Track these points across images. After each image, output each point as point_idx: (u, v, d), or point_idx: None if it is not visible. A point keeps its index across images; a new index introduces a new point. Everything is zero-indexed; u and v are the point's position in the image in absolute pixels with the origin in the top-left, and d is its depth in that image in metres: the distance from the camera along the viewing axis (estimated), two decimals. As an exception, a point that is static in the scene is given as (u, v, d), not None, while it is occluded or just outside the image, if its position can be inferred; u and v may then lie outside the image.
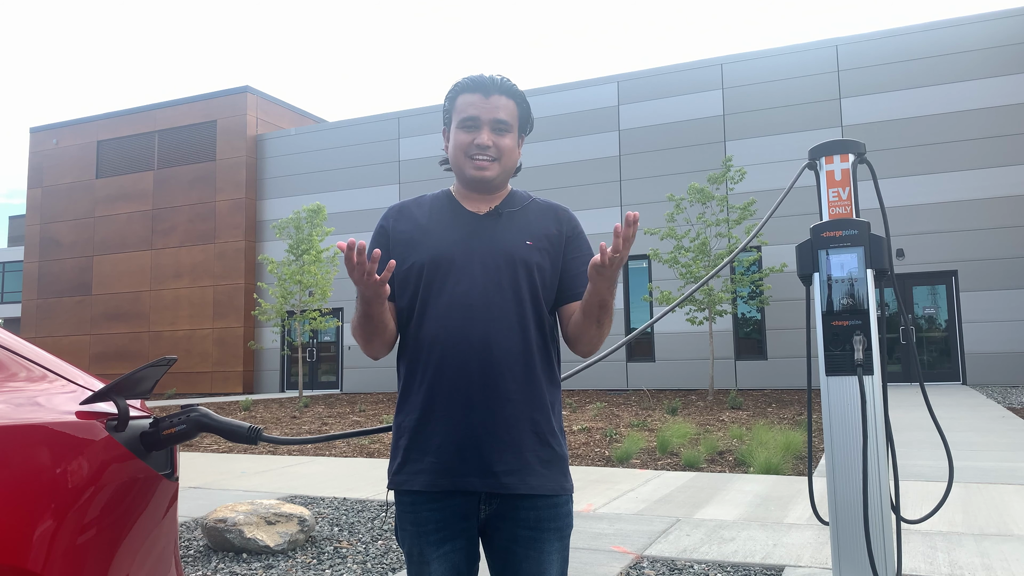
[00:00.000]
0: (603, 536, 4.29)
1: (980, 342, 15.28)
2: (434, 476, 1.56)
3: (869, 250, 2.48)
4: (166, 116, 24.20)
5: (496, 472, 1.55)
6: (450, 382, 1.56)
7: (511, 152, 1.69)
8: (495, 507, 1.58)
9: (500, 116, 1.65)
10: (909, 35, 16.45)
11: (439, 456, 1.56)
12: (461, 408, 1.56)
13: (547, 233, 1.69)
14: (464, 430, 1.55)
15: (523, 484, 1.56)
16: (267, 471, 7.14)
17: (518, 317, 1.60)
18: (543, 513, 1.58)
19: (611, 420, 10.71)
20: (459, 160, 1.68)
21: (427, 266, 1.62)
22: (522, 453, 1.57)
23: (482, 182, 1.66)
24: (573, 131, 19.09)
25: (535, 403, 1.60)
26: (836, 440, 2.46)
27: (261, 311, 17.97)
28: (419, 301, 1.62)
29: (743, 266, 15.81)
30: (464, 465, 1.55)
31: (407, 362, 1.64)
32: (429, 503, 1.57)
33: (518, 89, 1.70)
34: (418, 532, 1.58)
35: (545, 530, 1.58)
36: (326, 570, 3.83)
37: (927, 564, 3.60)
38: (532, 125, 1.77)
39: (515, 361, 1.58)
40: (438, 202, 1.73)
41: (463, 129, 1.66)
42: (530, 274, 1.63)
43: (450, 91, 1.72)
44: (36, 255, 25.72)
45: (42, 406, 1.30)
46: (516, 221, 1.69)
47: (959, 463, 6.27)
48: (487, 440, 1.55)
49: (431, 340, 1.59)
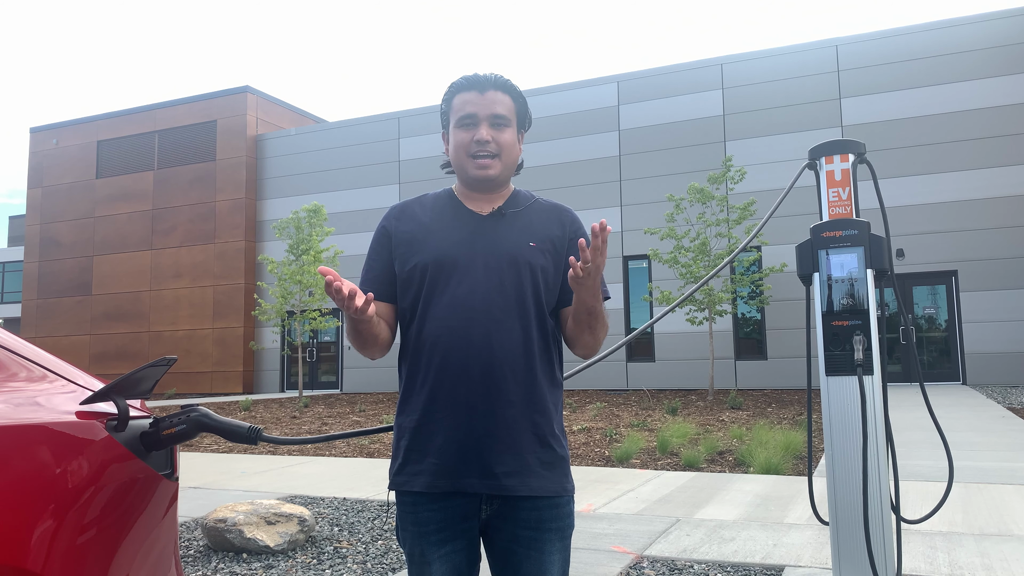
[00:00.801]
0: (603, 536, 4.29)
1: (980, 342, 15.28)
2: (434, 477, 1.56)
3: (869, 250, 2.48)
4: (166, 116, 24.20)
5: (496, 474, 1.55)
6: (451, 383, 1.56)
7: (511, 147, 1.68)
8: (496, 507, 1.58)
9: (497, 111, 1.65)
10: (909, 35, 16.45)
11: (440, 457, 1.56)
12: (462, 410, 1.55)
13: (550, 235, 1.68)
14: (465, 431, 1.55)
15: (524, 486, 1.56)
16: (267, 471, 7.14)
17: (520, 319, 1.60)
18: (544, 514, 1.58)
19: (611, 420, 10.71)
20: (461, 160, 1.67)
21: (430, 267, 1.61)
22: (522, 455, 1.56)
23: (485, 181, 1.66)
24: (573, 131, 19.10)
25: (536, 405, 1.59)
26: (836, 440, 2.46)
27: (261, 311, 17.98)
28: (421, 302, 1.62)
29: (743, 266, 15.82)
30: (465, 466, 1.55)
31: (408, 363, 1.64)
32: (430, 504, 1.57)
33: (513, 84, 1.69)
34: (419, 533, 1.58)
35: (546, 530, 1.58)
36: (326, 570, 3.83)
37: (927, 564, 3.60)
38: (531, 121, 1.76)
39: (516, 363, 1.58)
40: (440, 202, 1.72)
41: (461, 128, 1.66)
42: (533, 276, 1.62)
43: (446, 93, 1.72)
44: (36, 255, 25.72)
45: (42, 406, 1.30)
46: (519, 222, 1.68)
47: (959, 463, 6.27)
48: (487, 442, 1.55)
49: (432, 341, 1.59)
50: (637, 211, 18.10)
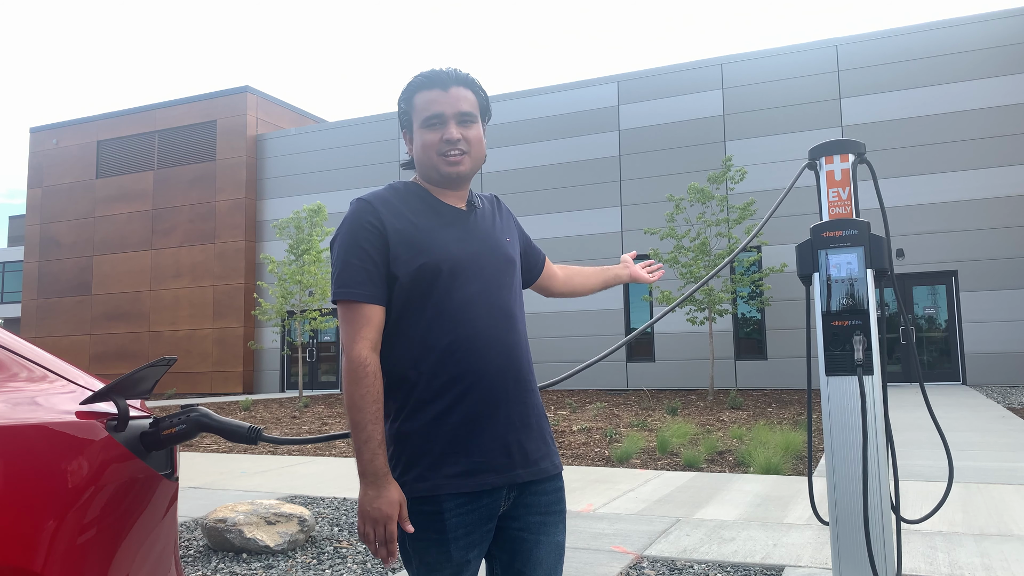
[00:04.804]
0: (603, 536, 4.29)
1: (980, 342, 15.28)
2: (484, 475, 1.54)
3: (869, 250, 2.48)
4: (166, 116, 24.20)
5: (535, 459, 1.62)
6: (483, 382, 1.56)
7: (479, 143, 1.67)
8: (513, 499, 1.61)
9: (463, 108, 1.63)
10: (909, 35, 16.45)
11: (485, 455, 1.55)
12: (500, 406, 1.58)
13: (510, 227, 1.79)
14: (505, 426, 1.58)
15: (552, 465, 1.65)
16: (267, 471, 7.14)
17: (520, 311, 1.70)
18: (551, 497, 1.65)
19: (611, 420, 10.71)
20: (430, 159, 1.63)
21: (443, 268, 1.57)
22: (545, 437, 1.67)
23: (458, 178, 1.64)
24: (573, 131, 19.09)
25: (538, 391, 1.71)
26: (836, 440, 2.46)
27: (261, 311, 17.98)
28: (432, 304, 1.57)
29: (743, 266, 15.82)
30: (510, 460, 1.58)
31: (414, 367, 1.57)
32: (458, 508, 1.53)
33: (474, 78, 1.69)
34: (443, 540, 1.52)
35: (551, 513, 1.65)
36: (326, 570, 3.83)
37: (927, 564, 3.60)
38: (490, 113, 1.76)
39: (527, 352, 1.67)
40: (414, 196, 1.66)
41: (428, 128, 1.63)
42: (517, 269, 1.73)
43: (404, 92, 1.68)
44: (36, 255, 25.72)
45: (42, 406, 1.30)
46: (488, 218, 1.73)
47: (959, 463, 6.27)
48: (525, 432, 1.61)
49: (454, 342, 1.56)
50: (637, 211, 18.10)
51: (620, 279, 2.17)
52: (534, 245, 1.95)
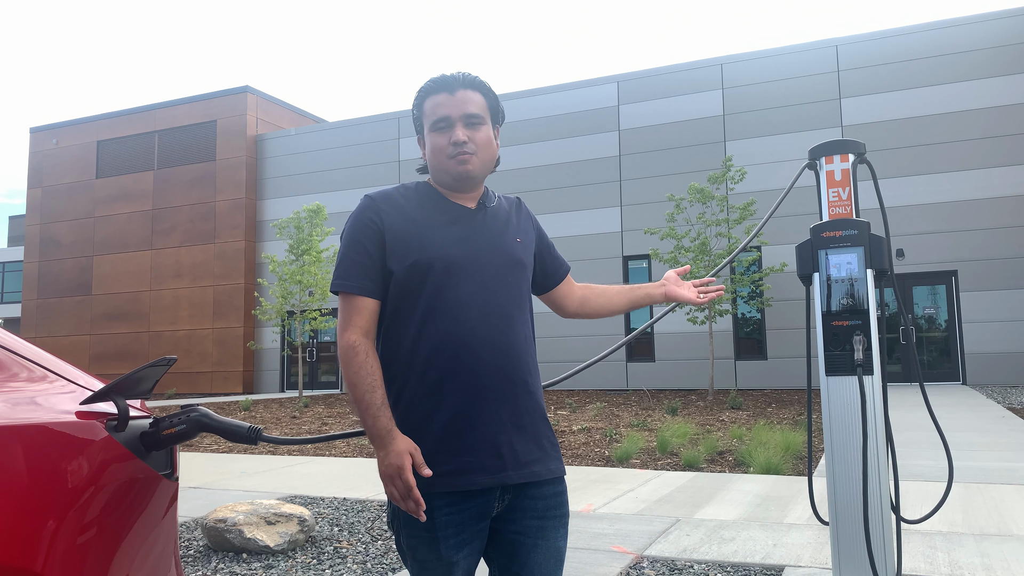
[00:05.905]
0: (603, 536, 4.29)
1: (980, 342, 15.28)
2: (472, 475, 1.54)
3: (869, 250, 2.48)
4: (166, 116, 24.20)
5: (527, 462, 1.60)
6: (475, 382, 1.56)
7: (488, 144, 1.67)
8: (507, 501, 1.60)
9: (470, 110, 1.64)
10: (909, 35, 16.45)
11: (475, 455, 1.55)
12: (492, 406, 1.57)
13: (526, 229, 1.76)
14: (497, 427, 1.57)
15: (547, 470, 1.63)
16: (267, 471, 7.14)
17: (521, 313, 1.66)
18: (550, 501, 1.63)
19: (611, 420, 10.71)
20: (440, 162, 1.65)
21: (435, 265, 1.58)
22: (540, 441, 1.64)
23: (467, 177, 1.64)
24: (573, 131, 19.09)
25: (539, 392, 1.68)
26: (836, 440, 2.46)
27: (261, 311, 17.99)
28: (423, 302, 1.58)
29: (743, 266, 15.82)
30: (501, 461, 1.56)
31: (405, 365, 1.59)
32: (448, 507, 1.54)
33: (482, 81, 1.69)
34: (433, 538, 1.54)
35: (551, 518, 1.63)
36: (326, 570, 3.83)
37: (927, 564, 3.60)
38: (504, 115, 1.77)
39: (528, 355, 1.65)
40: (423, 195, 1.69)
41: (436, 131, 1.65)
42: (525, 271, 1.70)
43: (416, 98, 1.70)
44: (36, 255, 25.72)
45: (42, 406, 1.30)
46: (500, 217, 1.71)
47: (959, 463, 6.27)
48: (518, 434, 1.59)
49: (444, 341, 1.56)
50: (637, 211, 18.10)
51: (653, 299, 1.98)
52: (557, 254, 1.90)
